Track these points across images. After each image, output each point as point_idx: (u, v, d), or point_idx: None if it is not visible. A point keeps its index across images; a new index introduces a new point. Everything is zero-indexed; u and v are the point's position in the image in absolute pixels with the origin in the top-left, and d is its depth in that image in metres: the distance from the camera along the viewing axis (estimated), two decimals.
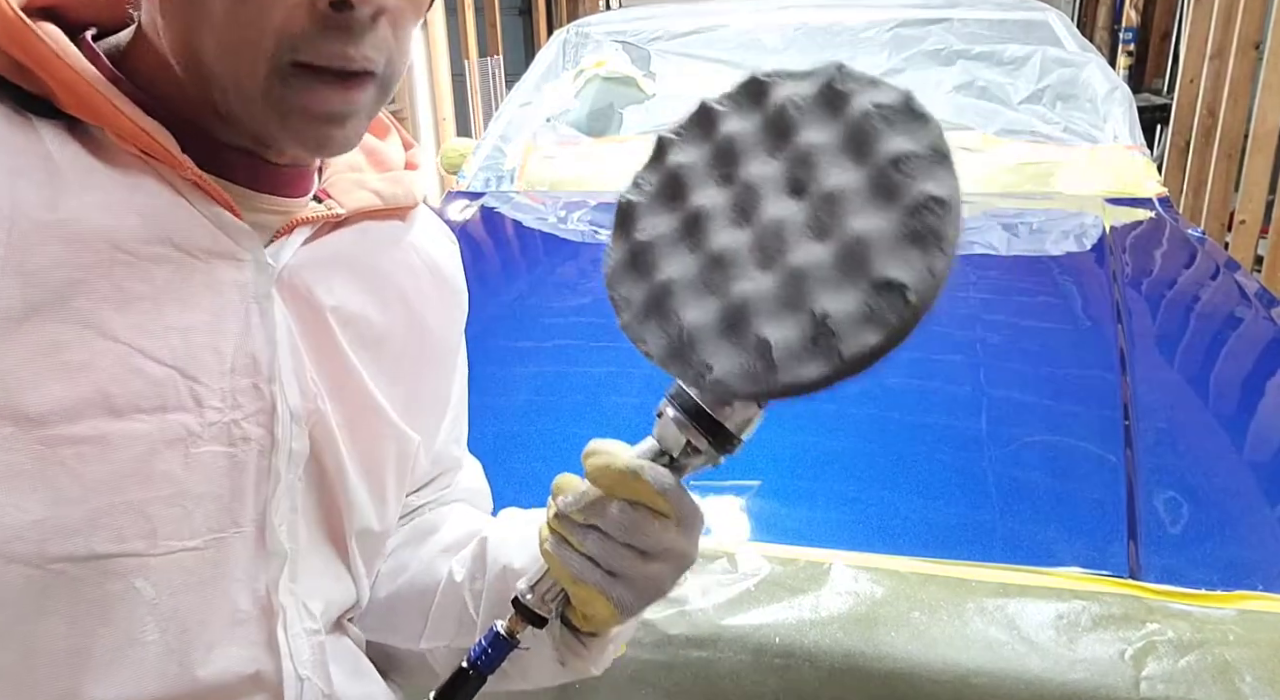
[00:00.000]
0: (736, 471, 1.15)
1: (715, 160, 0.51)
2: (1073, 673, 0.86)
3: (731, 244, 0.48)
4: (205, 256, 0.52)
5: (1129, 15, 5.40)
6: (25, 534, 0.46)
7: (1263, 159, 3.09)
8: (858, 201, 0.46)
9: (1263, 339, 1.48)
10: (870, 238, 0.45)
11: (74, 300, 0.47)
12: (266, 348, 0.54)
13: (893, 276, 0.44)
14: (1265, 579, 0.95)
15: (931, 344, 1.43)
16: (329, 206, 0.59)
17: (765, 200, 0.48)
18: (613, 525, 0.53)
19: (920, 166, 0.45)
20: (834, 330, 0.45)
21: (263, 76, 0.49)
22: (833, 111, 0.48)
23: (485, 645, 0.56)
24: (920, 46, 2.45)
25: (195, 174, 0.51)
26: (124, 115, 0.49)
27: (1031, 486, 1.11)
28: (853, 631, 0.91)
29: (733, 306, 0.47)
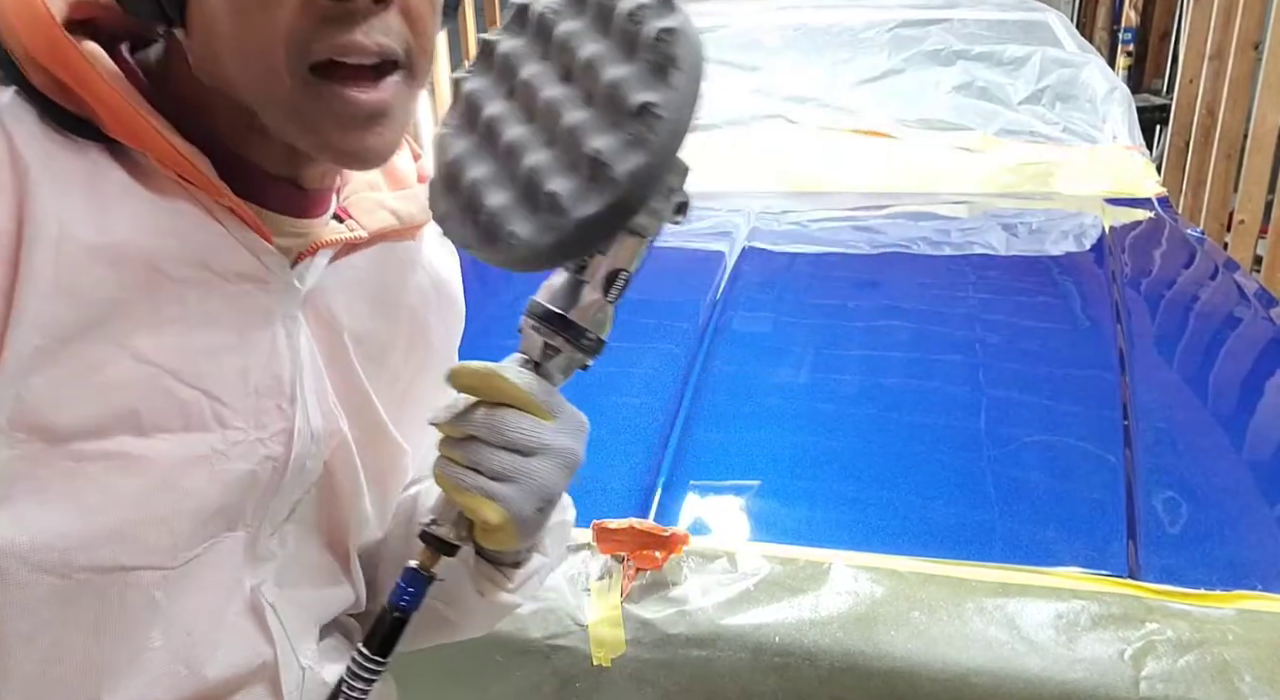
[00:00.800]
0: (736, 471, 1.16)
1: (499, 79, 0.56)
2: (1072, 672, 0.87)
3: (519, 134, 0.53)
4: (236, 280, 0.53)
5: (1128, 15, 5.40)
6: (51, 544, 0.47)
7: (1262, 159, 3.09)
8: (609, 60, 0.52)
9: (1262, 339, 1.48)
10: (620, 81, 0.50)
11: (112, 321, 0.48)
12: (290, 369, 0.55)
13: (641, 100, 0.49)
14: (1264, 579, 0.95)
15: (931, 344, 1.43)
16: (350, 227, 0.60)
17: (541, 91, 0.53)
18: (483, 428, 0.54)
19: (651, 12, 0.51)
20: (606, 161, 0.49)
21: (286, 86, 0.48)
22: (580, 6, 0.54)
23: (403, 584, 0.57)
24: (920, 47, 2.45)
25: (231, 200, 0.51)
26: (165, 140, 0.49)
27: (1031, 486, 1.11)
28: (852, 631, 0.91)
29: (525, 180, 0.51)
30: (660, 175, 0.51)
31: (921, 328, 1.48)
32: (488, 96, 0.56)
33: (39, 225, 0.46)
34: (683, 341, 1.44)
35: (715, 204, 2.04)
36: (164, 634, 0.52)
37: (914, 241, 1.85)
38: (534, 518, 0.55)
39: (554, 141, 0.52)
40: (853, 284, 1.70)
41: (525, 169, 0.51)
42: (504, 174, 0.53)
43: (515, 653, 0.97)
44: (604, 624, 0.95)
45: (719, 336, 1.45)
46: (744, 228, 1.88)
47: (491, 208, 0.52)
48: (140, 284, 0.49)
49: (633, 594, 0.97)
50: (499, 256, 0.53)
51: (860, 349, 1.42)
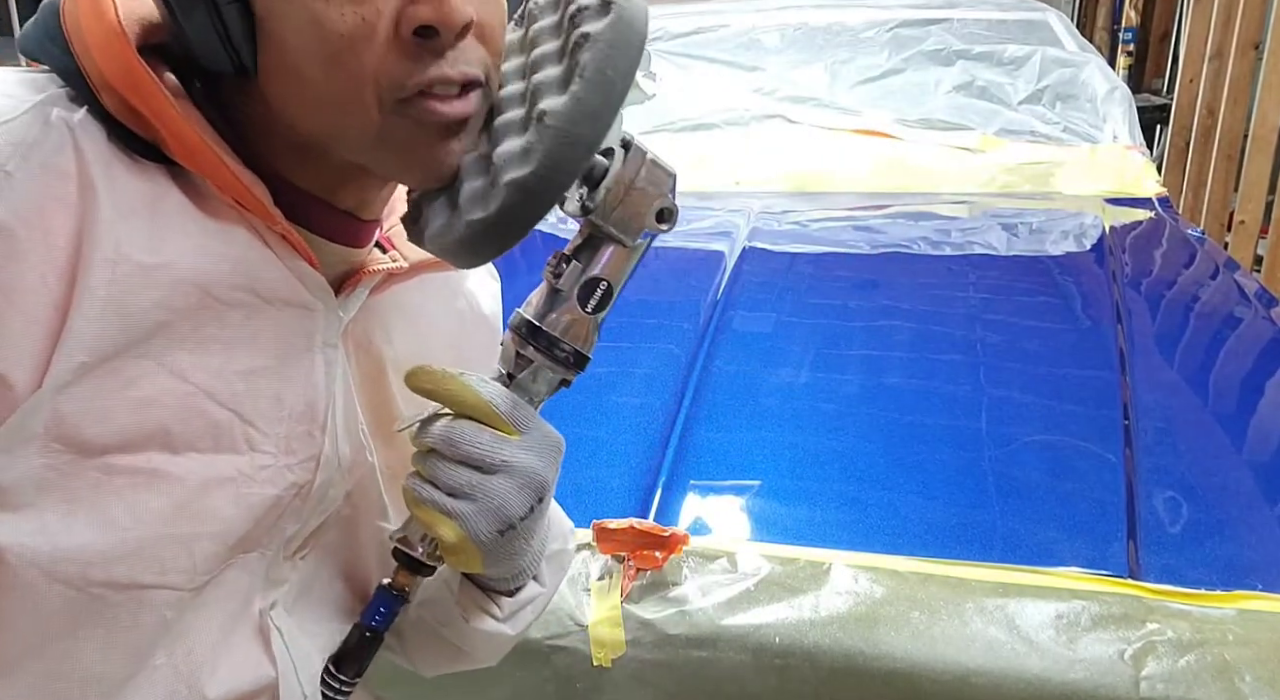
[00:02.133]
0: (736, 471, 1.16)
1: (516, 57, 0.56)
2: (1072, 672, 0.87)
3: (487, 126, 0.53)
4: (281, 305, 0.53)
5: (1128, 15, 5.40)
6: (72, 556, 0.47)
7: (1262, 159, 3.09)
8: (547, 61, 0.52)
9: (1262, 339, 1.48)
10: (538, 86, 0.50)
11: (155, 339, 0.48)
12: (324, 397, 0.55)
13: (540, 107, 0.49)
14: (1265, 579, 0.95)
15: (931, 344, 1.43)
16: (393, 257, 0.60)
17: (505, 86, 0.54)
18: (440, 439, 0.52)
19: (587, 16, 0.50)
20: (498, 167, 0.49)
21: (376, 120, 0.49)
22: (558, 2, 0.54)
23: (375, 602, 0.57)
24: (920, 47, 2.45)
25: (285, 228, 0.52)
26: (228, 168, 0.49)
27: (1031, 486, 1.11)
28: (853, 631, 0.91)
29: (489, 163, 0.51)
30: (555, 185, 0.49)
31: (921, 328, 1.48)
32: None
33: (97, 245, 0.46)
34: (683, 341, 1.44)
35: (715, 204, 2.04)
36: (167, 652, 0.52)
37: (914, 241, 1.85)
38: (495, 540, 0.53)
39: (489, 140, 0.52)
40: (853, 284, 1.70)
41: (464, 163, 0.52)
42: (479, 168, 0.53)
43: (515, 653, 0.96)
44: (604, 624, 0.95)
45: (719, 336, 1.45)
46: (744, 228, 1.88)
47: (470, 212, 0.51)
48: (188, 305, 0.49)
49: (633, 594, 0.97)
50: (422, 244, 0.53)
51: (860, 349, 1.42)
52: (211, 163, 0.49)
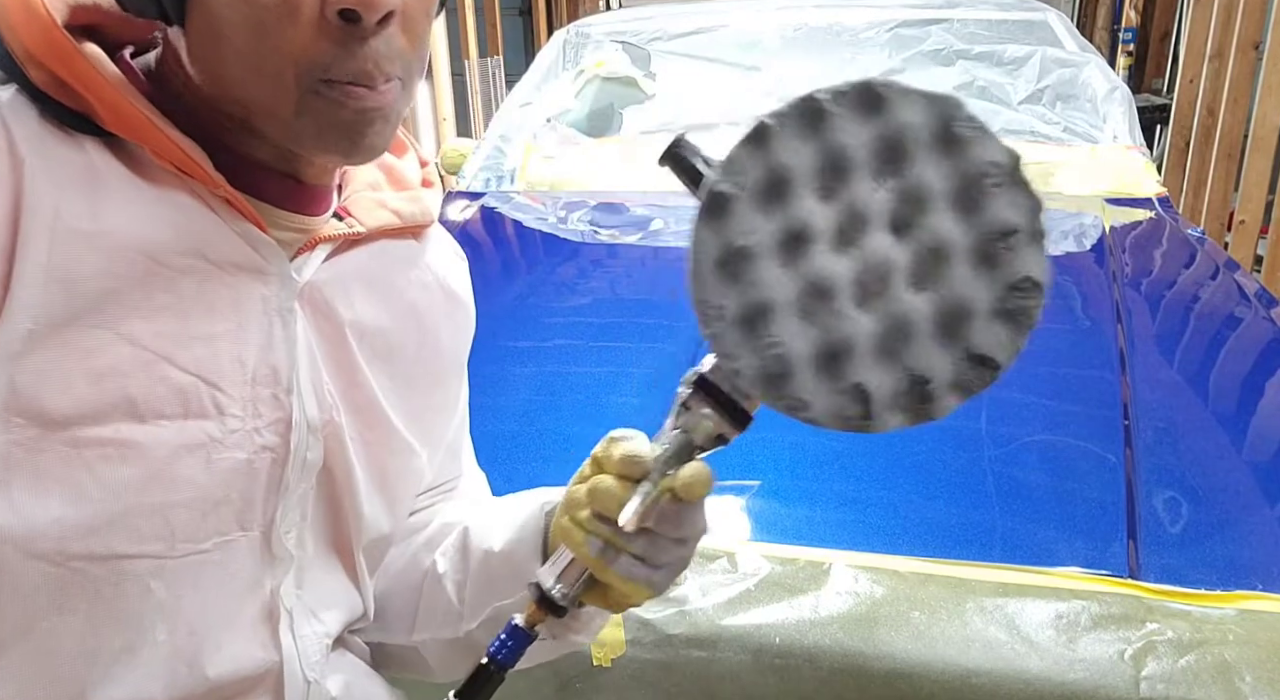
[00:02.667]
0: (736, 471, 1.16)
1: (820, 168, 0.48)
2: (1072, 673, 0.86)
3: (832, 272, 0.48)
4: (233, 270, 0.53)
5: (1129, 15, 5.40)
6: (47, 531, 0.47)
7: (1262, 159, 3.09)
8: (961, 263, 0.48)
9: (1262, 339, 1.48)
10: (970, 305, 0.48)
11: (106, 308, 0.49)
12: (286, 359, 0.55)
13: (990, 355, 0.48)
14: (1265, 579, 0.95)
15: None
16: (350, 224, 0.61)
17: (869, 232, 0.48)
18: (663, 524, 0.54)
19: (1023, 243, 0.47)
20: (930, 394, 0.48)
21: (294, 96, 0.50)
22: (947, 154, 0.48)
23: (504, 638, 0.56)
24: (920, 47, 2.45)
25: (228, 191, 0.52)
26: (162, 133, 0.50)
27: (1031, 486, 1.11)
28: (853, 631, 0.91)
29: (832, 344, 0.48)
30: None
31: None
32: (802, 184, 0.49)
33: (34, 214, 0.47)
34: (683, 341, 1.44)
35: None
36: (168, 630, 0.52)
37: None
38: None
39: (873, 310, 0.48)
40: None
41: (838, 333, 0.48)
42: (805, 312, 0.48)
43: None
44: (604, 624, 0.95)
45: None
46: None
47: (787, 350, 0.48)
48: (135, 272, 0.49)
49: None
50: (769, 400, 0.50)
51: None
52: (145, 128, 0.50)
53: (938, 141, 0.48)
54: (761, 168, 0.48)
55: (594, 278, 1.77)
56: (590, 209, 2.13)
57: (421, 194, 0.67)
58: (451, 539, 0.69)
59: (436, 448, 0.70)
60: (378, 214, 0.62)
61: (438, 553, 0.69)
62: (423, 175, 0.69)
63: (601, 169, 2.26)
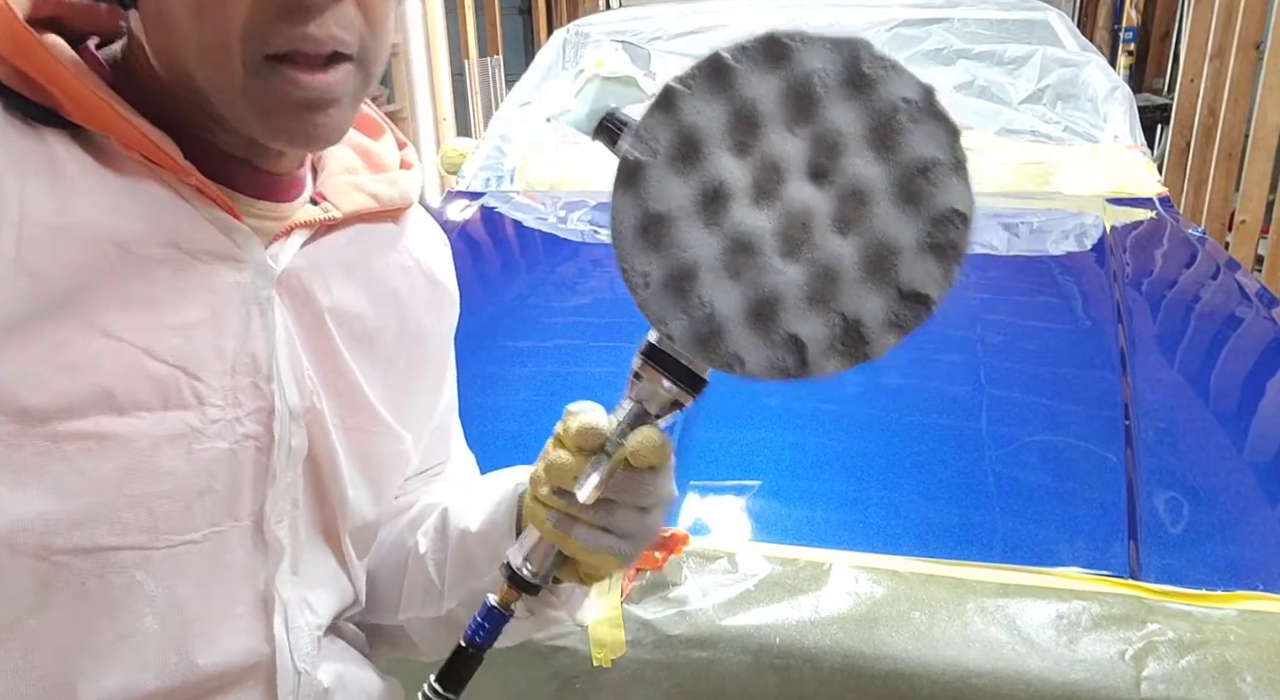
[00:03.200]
0: (736, 471, 1.15)
1: (732, 125, 0.48)
2: (1073, 673, 0.86)
3: (755, 226, 0.48)
4: (208, 258, 0.53)
5: (1129, 15, 5.40)
6: (29, 527, 0.47)
7: (1263, 159, 3.09)
8: (882, 202, 0.47)
9: (1263, 339, 1.48)
10: (896, 243, 0.47)
11: (79, 300, 0.48)
12: (265, 348, 0.55)
13: (921, 290, 0.47)
14: (1265, 579, 0.95)
15: (931, 344, 1.42)
16: (325, 209, 0.60)
17: (787, 182, 0.48)
18: (622, 493, 0.54)
19: (943, 175, 0.47)
20: (865, 336, 0.48)
21: (239, 75, 0.49)
22: (857, 95, 0.48)
23: (480, 620, 0.57)
24: (920, 46, 2.45)
25: (198, 179, 0.52)
26: (129, 123, 0.50)
27: (1031, 486, 1.11)
28: (853, 632, 0.91)
29: (761, 298, 0.48)
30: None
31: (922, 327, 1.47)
32: (713, 142, 0.48)
33: (0, 209, 0.46)
34: None
35: None
36: (159, 620, 0.52)
37: None
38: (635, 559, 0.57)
39: (798, 259, 0.48)
40: None
41: (765, 286, 0.48)
42: (731, 269, 0.48)
43: (515, 653, 0.96)
44: (604, 624, 0.95)
45: None
46: None
47: (715, 310, 0.48)
48: (107, 263, 0.49)
49: (633, 594, 0.97)
50: (704, 359, 0.50)
51: None
52: (110, 119, 0.49)
53: (847, 84, 0.48)
54: (672, 132, 0.48)
55: (594, 278, 1.77)
56: (590, 209, 2.13)
57: (399, 176, 0.66)
58: (432, 519, 0.69)
59: (422, 432, 0.70)
60: (354, 198, 0.62)
61: (419, 533, 0.69)
62: (401, 157, 0.68)
63: (601, 169, 2.26)
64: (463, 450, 0.80)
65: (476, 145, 2.54)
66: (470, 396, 0.77)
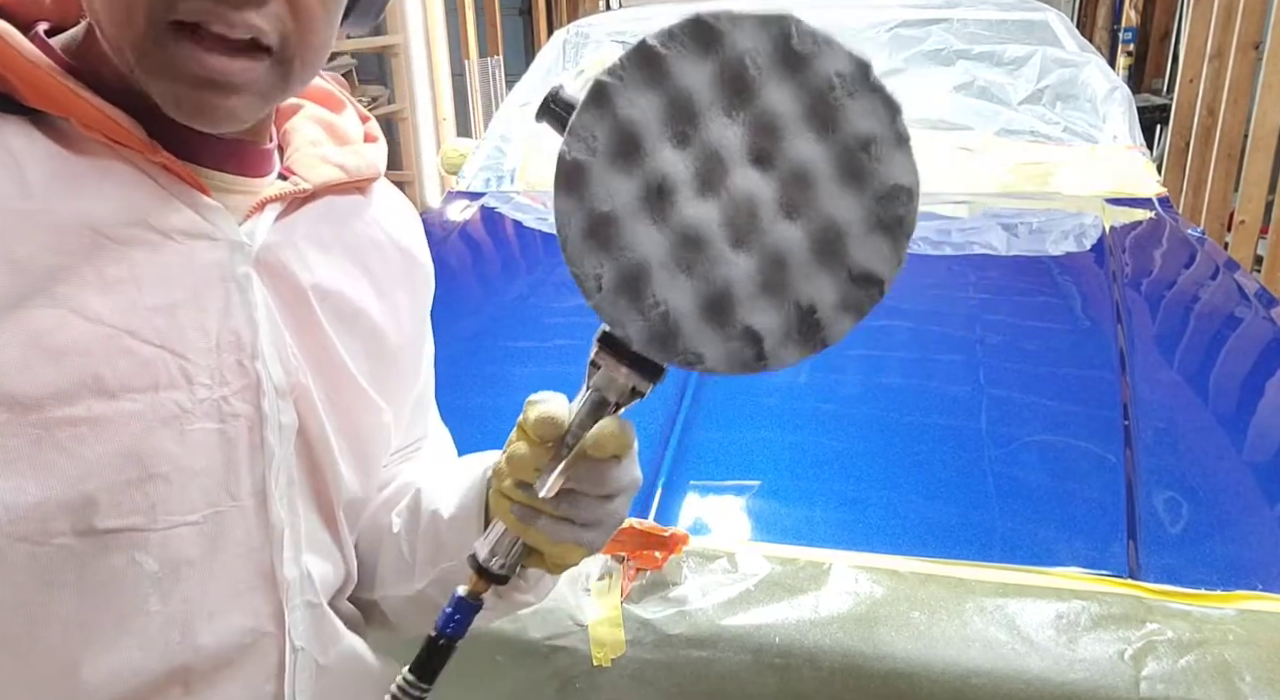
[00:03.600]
0: (736, 471, 1.16)
1: (669, 115, 0.47)
2: (1072, 673, 0.86)
3: (701, 218, 0.47)
4: (182, 238, 0.53)
5: (1129, 15, 5.40)
6: (29, 515, 0.47)
7: (1262, 159, 3.09)
8: (826, 182, 0.47)
9: (1262, 339, 1.48)
10: (843, 224, 0.47)
11: (57, 286, 0.48)
12: (248, 325, 0.55)
13: (872, 270, 0.47)
14: (1265, 579, 0.95)
15: (931, 344, 1.43)
16: (295, 183, 0.60)
17: (730, 170, 0.47)
18: (584, 483, 0.54)
19: (885, 150, 0.46)
20: (821, 322, 0.47)
21: (140, 36, 0.48)
22: (791, 74, 0.47)
23: (450, 611, 0.57)
24: (920, 46, 2.45)
25: (164, 157, 0.52)
26: (88, 103, 0.49)
27: (1031, 486, 1.11)
28: (853, 632, 0.91)
29: (714, 291, 0.48)
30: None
31: (921, 328, 1.48)
32: (651, 135, 0.47)
33: None
34: None
35: None
36: (161, 601, 0.52)
37: (914, 241, 1.84)
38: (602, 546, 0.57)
39: (748, 249, 0.47)
40: None
41: (716, 279, 0.47)
42: (681, 264, 0.47)
43: (515, 653, 0.97)
44: (604, 624, 0.95)
45: None
46: None
47: (670, 308, 0.48)
48: (81, 247, 0.49)
49: (633, 594, 0.97)
50: (663, 358, 0.50)
51: (860, 349, 1.42)
52: (69, 100, 0.49)
53: (779, 63, 0.46)
54: (609, 128, 0.47)
55: None
56: None
57: (364, 149, 0.66)
58: (406, 499, 0.69)
59: (402, 408, 0.70)
60: (322, 170, 0.61)
61: (394, 512, 0.69)
62: (364, 131, 0.68)
63: None
64: (439, 428, 0.80)
65: (476, 145, 2.54)
66: (471, 397, 0.77)
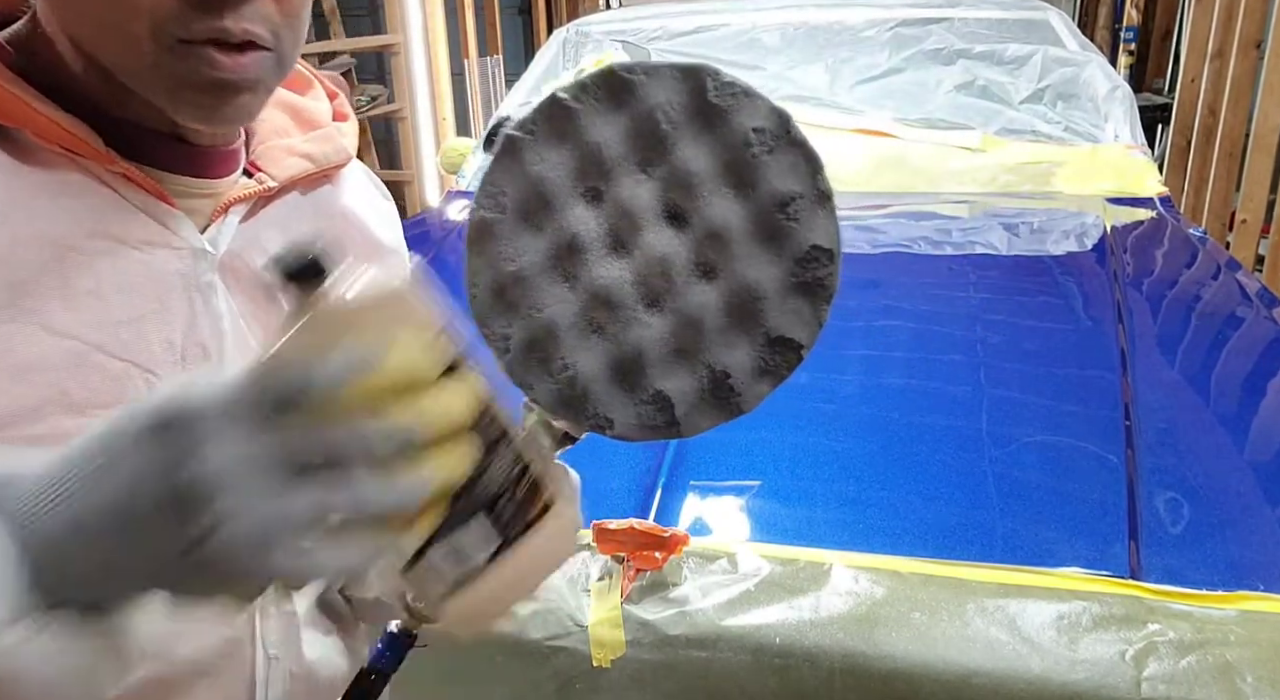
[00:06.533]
0: (736, 471, 1.15)
1: (580, 172, 0.45)
2: (1073, 673, 0.86)
3: (613, 279, 0.45)
4: (145, 247, 0.52)
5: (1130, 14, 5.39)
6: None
7: (1264, 158, 3.09)
8: (743, 242, 0.45)
9: (1264, 339, 1.48)
10: (760, 288, 0.44)
11: (21, 300, 0.47)
12: (214, 336, 0.54)
13: (789, 335, 0.45)
14: (1266, 579, 0.95)
15: (932, 344, 1.42)
16: (260, 180, 0.58)
17: (643, 228, 0.45)
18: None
19: (805, 209, 0.44)
20: (735, 388, 0.46)
21: (150, 54, 0.48)
22: (708, 128, 0.45)
23: (382, 648, 0.56)
24: (921, 46, 2.44)
25: (122, 166, 0.51)
26: (41, 114, 0.48)
27: (1031, 486, 1.11)
28: (853, 632, 0.91)
29: (625, 354, 0.46)
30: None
31: (922, 327, 1.48)
32: (563, 192, 0.45)
33: None
34: None
35: None
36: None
37: (914, 241, 1.85)
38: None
39: (660, 311, 0.45)
40: (853, 284, 1.69)
41: (628, 342, 0.45)
42: (592, 325, 0.46)
43: (515, 654, 0.96)
44: (604, 625, 0.95)
45: None
46: None
47: (579, 374, 0.46)
48: (44, 260, 0.48)
49: (633, 595, 0.97)
50: (572, 423, 0.48)
51: (861, 349, 1.42)
52: (22, 110, 0.48)
53: (695, 117, 0.44)
54: (519, 184, 0.45)
55: None
56: None
57: (333, 131, 0.64)
58: None
59: None
60: (289, 164, 0.60)
61: None
62: (334, 108, 0.66)
63: None
64: None
65: (476, 145, 2.54)
66: None
